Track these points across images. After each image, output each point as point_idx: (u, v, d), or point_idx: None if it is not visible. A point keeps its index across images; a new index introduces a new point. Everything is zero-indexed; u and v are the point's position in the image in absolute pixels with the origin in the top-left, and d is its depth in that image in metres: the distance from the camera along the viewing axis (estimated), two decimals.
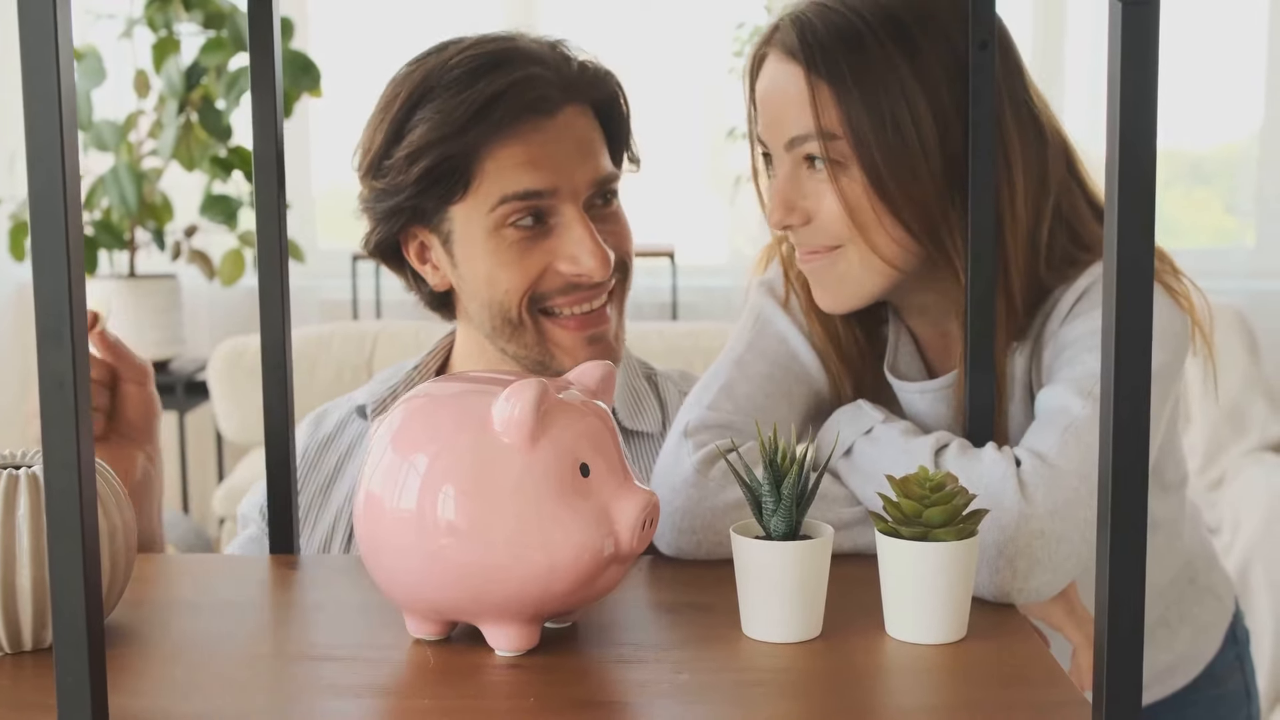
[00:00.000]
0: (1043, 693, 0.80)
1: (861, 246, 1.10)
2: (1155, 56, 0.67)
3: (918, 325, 1.21)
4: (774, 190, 1.13)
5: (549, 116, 1.22)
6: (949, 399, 1.15)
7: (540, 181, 1.21)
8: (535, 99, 1.20)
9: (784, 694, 0.80)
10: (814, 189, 1.11)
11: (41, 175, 0.67)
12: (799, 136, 1.10)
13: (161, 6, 3.03)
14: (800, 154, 1.11)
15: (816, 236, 1.12)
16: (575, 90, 1.24)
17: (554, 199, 1.22)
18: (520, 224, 1.22)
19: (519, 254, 1.22)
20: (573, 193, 1.22)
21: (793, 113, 1.10)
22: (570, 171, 1.22)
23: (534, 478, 0.81)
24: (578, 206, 1.23)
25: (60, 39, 0.66)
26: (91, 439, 0.69)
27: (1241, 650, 1.39)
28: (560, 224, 1.23)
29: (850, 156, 1.08)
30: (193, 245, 3.32)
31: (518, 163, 1.21)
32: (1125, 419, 0.70)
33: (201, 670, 0.84)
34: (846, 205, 1.09)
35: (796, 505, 0.88)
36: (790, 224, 1.12)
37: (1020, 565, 0.95)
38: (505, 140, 1.20)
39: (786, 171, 1.13)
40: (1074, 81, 3.48)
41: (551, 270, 1.23)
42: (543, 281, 1.23)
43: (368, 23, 3.60)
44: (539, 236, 1.23)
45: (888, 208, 1.08)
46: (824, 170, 1.10)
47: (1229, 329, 2.90)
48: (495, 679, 0.82)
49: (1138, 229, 0.68)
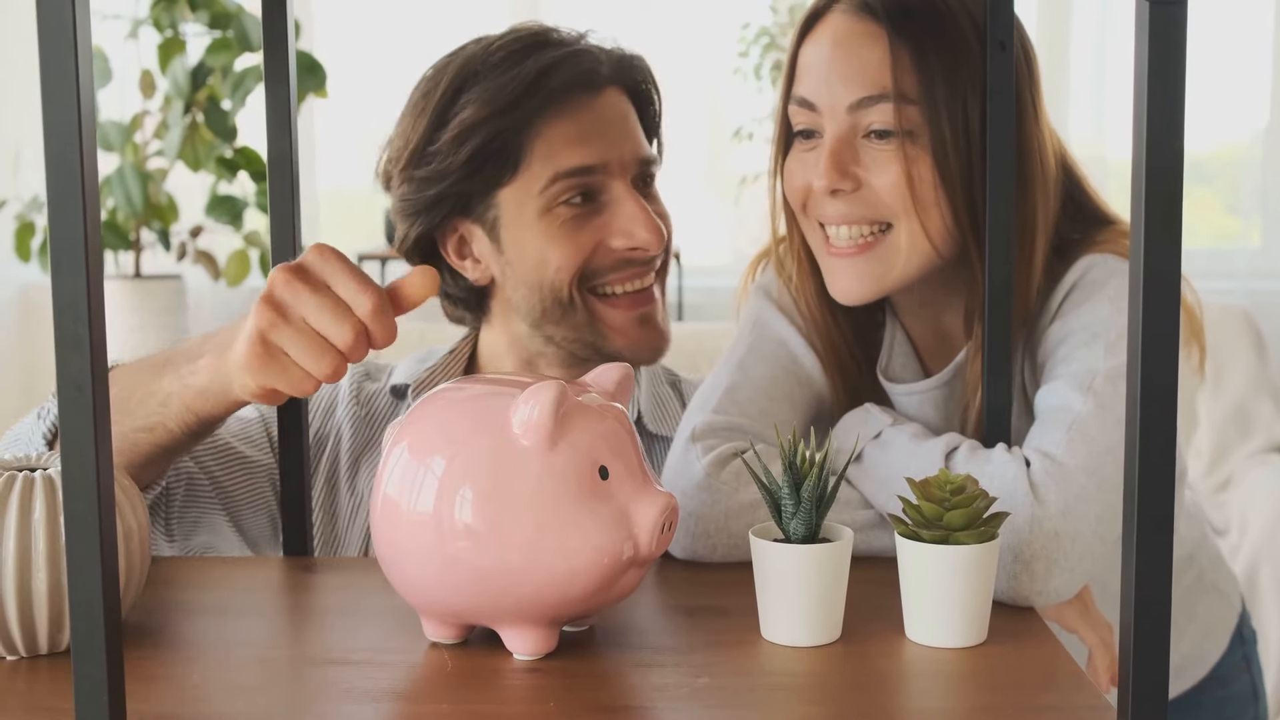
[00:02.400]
0: (1065, 696, 0.79)
1: (913, 225, 1.09)
2: (1183, 56, 0.67)
3: (915, 325, 1.20)
4: (826, 152, 1.11)
5: (595, 94, 1.24)
6: (936, 400, 1.15)
7: (591, 157, 1.22)
8: (583, 73, 1.23)
9: (804, 698, 0.80)
10: (870, 158, 1.10)
11: (60, 180, 0.66)
12: (870, 97, 1.08)
13: (167, 7, 3.03)
14: (863, 120, 1.09)
15: (862, 207, 1.10)
16: (615, 72, 1.26)
17: (604, 175, 1.24)
18: (571, 202, 1.23)
19: (571, 231, 1.23)
20: (622, 168, 1.24)
21: (866, 73, 1.08)
22: (619, 147, 1.24)
23: (553, 480, 0.81)
24: (627, 182, 1.25)
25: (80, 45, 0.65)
26: (109, 441, 0.69)
27: (1248, 650, 1.39)
28: (611, 200, 1.24)
29: (921, 127, 1.07)
30: (198, 246, 3.32)
31: (568, 140, 1.22)
32: (1151, 417, 0.69)
33: (218, 674, 0.84)
34: (909, 177, 1.07)
35: (816, 508, 0.87)
36: (840, 189, 1.10)
37: (1038, 568, 0.95)
38: (554, 118, 1.22)
39: (842, 134, 1.10)
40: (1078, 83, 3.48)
41: (603, 247, 1.24)
42: (595, 258, 1.24)
43: (373, 24, 3.60)
44: (591, 214, 1.24)
45: (945, 187, 1.07)
46: (885, 142, 1.08)
47: (1236, 330, 2.89)
48: (513, 683, 0.81)
49: (1164, 225, 0.68)
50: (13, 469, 0.89)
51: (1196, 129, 3.36)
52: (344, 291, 0.96)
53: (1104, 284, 1.07)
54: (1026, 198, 1.10)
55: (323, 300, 0.95)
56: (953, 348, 1.18)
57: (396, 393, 1.34)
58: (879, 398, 1.18)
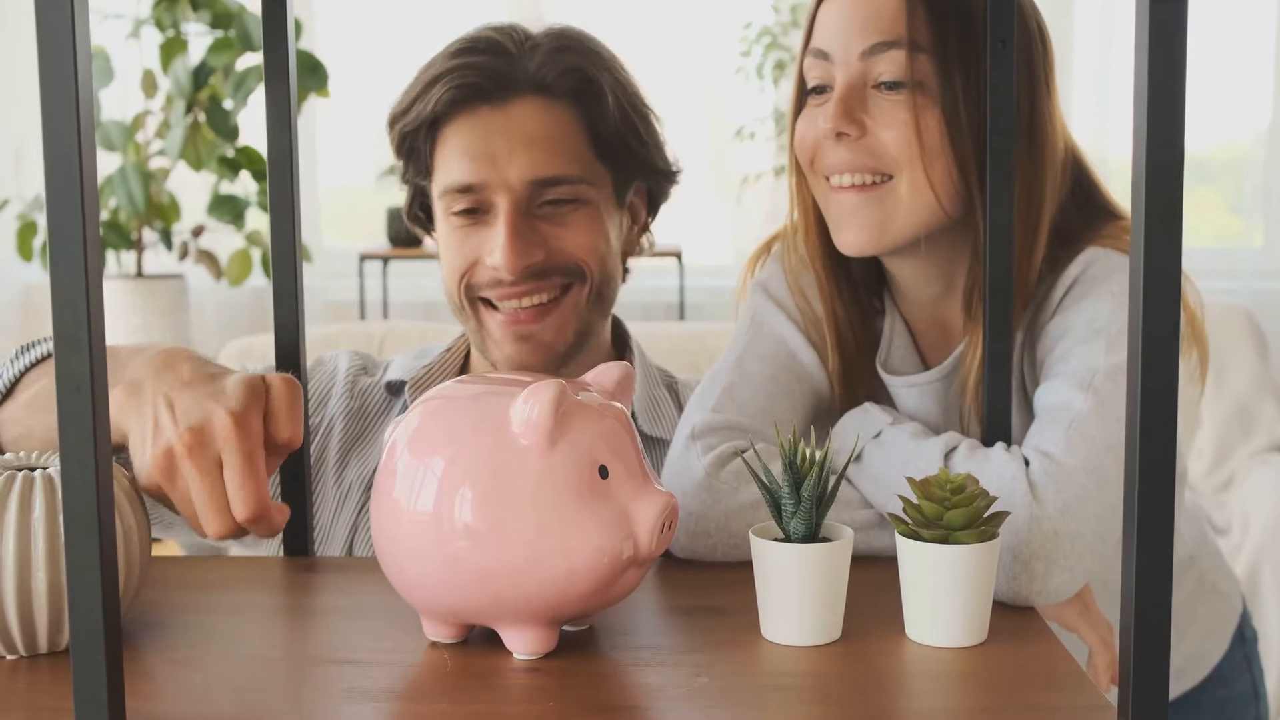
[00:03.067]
0: (1066, 696, 0.79)
1: (916, 176, 1.09)
2: (1183, 54, 0.66)
3: (915, 316, 1.20)
4: (835, 97, 1.11)
5: (495, 107, 1.22)
6: (936, 392, 1.15)
7: (470, 175, 1.22)
8: (469, 86, 1.21)
9: (804, 698, 0.80)
10: (878, 107, 1.10)
11: (59, 178, 0.66)
12: (882, 43, 1.08)
13: (169, 7, 3.03)
14: (874, 68, 1.09)
15: (865, 155, 1.10)
16: (534, 82, 1.23)
17: (488, 193, 1.23)
18: (459, 213, 1.25)
19: (459, 241, 1.26)
20: (506, 188, 1.22)
21: (881, 19, 1.08)
22: (503, 168, 1.22)
23: (552, 480, 0.80)
24: (511, 202, 1.22)
25: (79, 43, 0.65)
26: (109, 441, 0.69)
27: (1249, 651, 1.39)
28: (490, 218, 1.24)
29: (931, 78, 1.07)
30: (200, 245, 3.32)
31: (454, 153, 1.23)
32: (1152, 418, 0.69)
33: (217, 673, 0.84)
34: (917, 127, 1.07)
35: (816, 507, 0.87)
36: (845, 132, 1.10)
37: (1037, 568, 0.95)
38: (448, 130, 1.24)
39: (852, 81, 1.10)
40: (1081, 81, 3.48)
41: (480, 263, 1.25)
42: (474, 273, 1.26)
43: (374, 24, 3.60)
44: (478, 226, 1.25)
45: (953, 139, 1.07)
46: (895, 94, 1.08)
47: (1238, 330, 2.89)
48: (513, 682, 0.81)
49: (1164, 223, 0.68)
50: (12, 468, 0.89)
51: (1199, 128, 3.37)
52: (229, 484, 0.93)
53: (1105, 279, 1.07)
54: (1040, 168, 1.10)
55: (204, 487, 0.92)
56: (952, 339, 1.18)
57: (392, 389, 1.34)
58: (878, 392, 1.18)
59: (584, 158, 1.25)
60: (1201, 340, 1.16)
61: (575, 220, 1.25)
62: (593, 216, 1.26)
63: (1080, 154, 1.18)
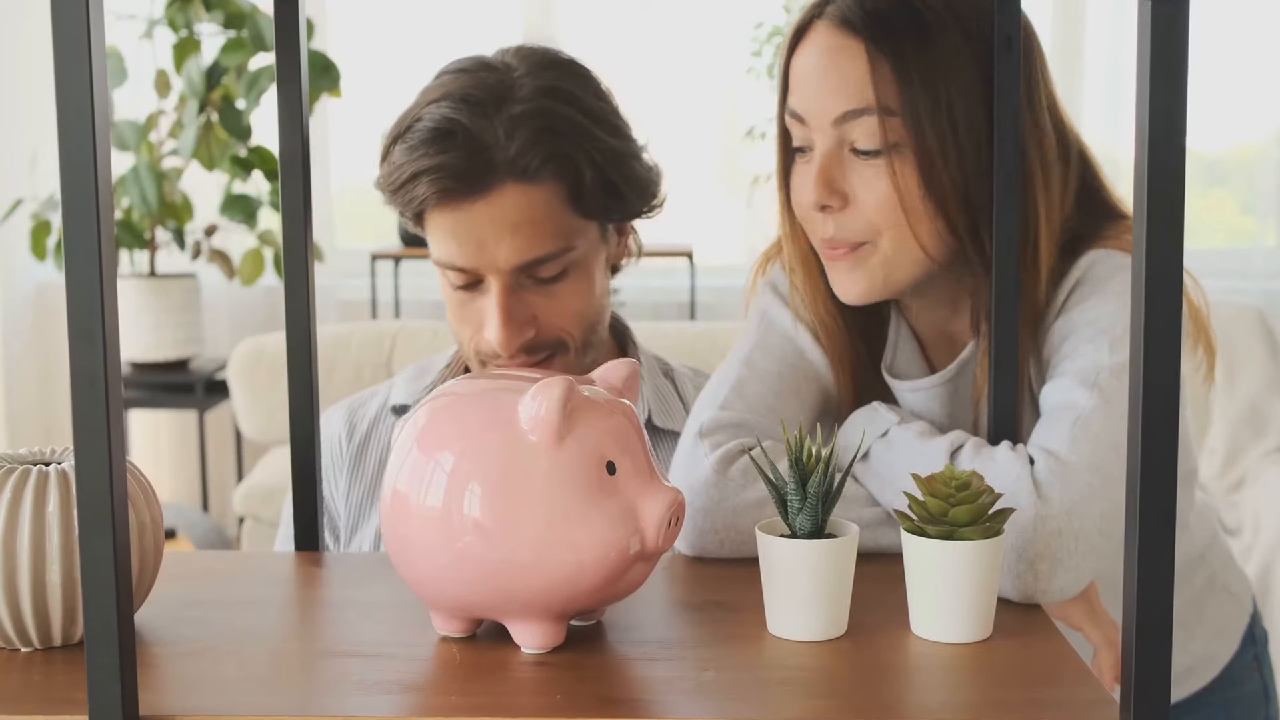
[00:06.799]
0: (1070, 692, 0.79)
1: (901, 235, 1.08)
2: (1185, 56, 0.67)
3: (920, 322, 1.21)
4: (815, 168, 1.10)
5: (478, 196, 1.20)
6: (941, 396, 1.15)
7: (460, 259, 1.22)
8: (450, 182, 1.19)
9: (810, 692, 0.80)
10: (857, 173, 1.09)
11: (74, 176, 0.67)
12: (852, 111, 1.08)
13: (182, 7, 3.04)
14: (848, 135, 1.09)
15: (851, 225, 1.10)
16: (514, 169, 1.20)
17: (477, 272, 1.23)
18: (457, 285, 1.25)
19: (459, 303, 1.26)
20: (495, 271, 1.22)
21: (848, 86, 1.08)
22: (492, 252, 1.21)
23: (560, 476, 0.81)
24: (501, 285, 1.22)
25: (93, 44, 0.66)
26: (122, 436, 0.70)
27: (1260, 651, 1.38)
28: (485, 288, 1.24)
29: (905, 139, 1.07)
30: (212, 245, 3.34)
31: (443, 236, 1.23)
32: (1154, 415, 0.69)
33: (229, 666, 0.85)
34: (898, 191, 1.07)
35: (822, 504, 0.88)
36: (829, 205, 1.10)
37: (1042, 568, 0.95)
38: (434, 215, 1.23)
39: (830, 150, 1.10)
40: (1093, 82, 3.48)
41: (480, 333, 1.26)
42: (478, 341, 1.26)
43: (387, 24, 3.61)
44: (474, 294, 1.25)
45: (933, 196, 1.07)
46: (872, 159, 1.08)
47: (1249, 330, 2.88)
48: (521, 676, 0.82)
49: (1166, 224, 0.68)
50: (27, 463, 0.90)
51: (1212, 129, 3.36)
52: None
53: (1109, 279, 1.07)
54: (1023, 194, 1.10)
55: None
56: (958, 344, 1.19)
57: (398, 412, 1.36)
58: (885, 393, 1.19)
59: (567, 226, 1.23)
60: (1207, 337, 1.16)
61: (563, 287, 1.25)
62: (581, 273, 1.26)
63: (1090, 157, 1.18)
